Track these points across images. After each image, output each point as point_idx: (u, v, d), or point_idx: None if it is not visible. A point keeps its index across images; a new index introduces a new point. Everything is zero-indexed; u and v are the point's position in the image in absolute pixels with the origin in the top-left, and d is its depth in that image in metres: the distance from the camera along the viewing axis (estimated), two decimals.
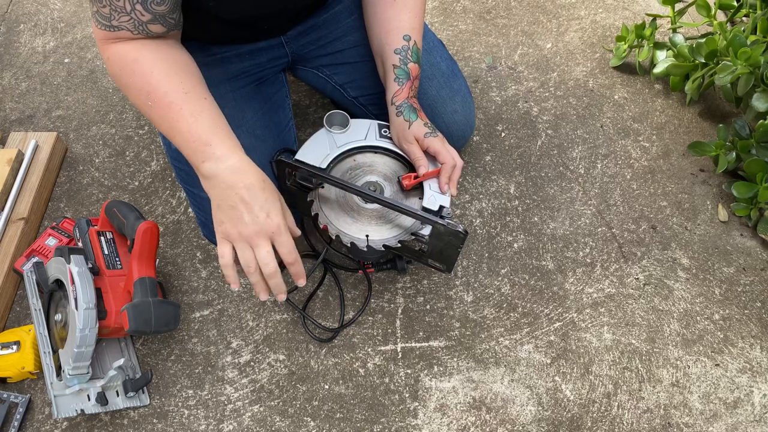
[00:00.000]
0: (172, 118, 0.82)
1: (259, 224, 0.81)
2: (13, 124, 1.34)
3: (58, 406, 0.94)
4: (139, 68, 0.83)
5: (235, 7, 0.90)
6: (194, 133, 0.81)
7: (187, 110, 0.81)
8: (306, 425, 1.01)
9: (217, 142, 0.81)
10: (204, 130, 0.81)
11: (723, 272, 1.17)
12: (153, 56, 0.83)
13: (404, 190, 0.99)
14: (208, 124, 0.82)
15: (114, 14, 0.79)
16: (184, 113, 0.81)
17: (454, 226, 0.91)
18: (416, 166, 0.98)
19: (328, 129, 1.03)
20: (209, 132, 0.82)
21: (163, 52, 0.84)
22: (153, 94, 0.82)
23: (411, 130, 0.97)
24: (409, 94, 0.99)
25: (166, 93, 0.82)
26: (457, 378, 1.05)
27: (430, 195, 0.97)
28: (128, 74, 0.83)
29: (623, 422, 1.02)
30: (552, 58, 1.48)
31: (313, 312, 1.11)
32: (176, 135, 0.83)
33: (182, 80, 0.83)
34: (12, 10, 1.56)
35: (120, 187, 1.25)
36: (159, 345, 1.08)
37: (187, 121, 0.81)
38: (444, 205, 0.96)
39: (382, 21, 1.00)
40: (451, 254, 0.98)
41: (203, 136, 0.81)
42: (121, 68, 0.84)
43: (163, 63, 0.83)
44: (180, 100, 0.82)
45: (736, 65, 1.18)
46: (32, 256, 1.11)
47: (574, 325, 1.11)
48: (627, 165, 1.31)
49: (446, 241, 0.94)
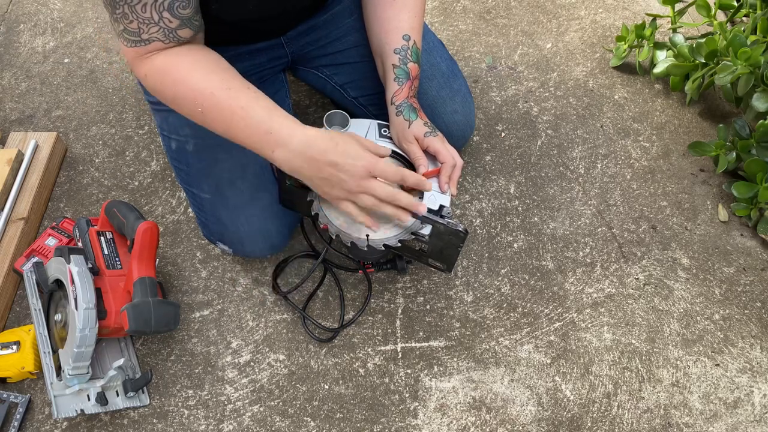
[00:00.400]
0: (225, 117, 0.83)
1: (355, 174, 0.81)
2: (13, 124, 1.34)
3: (58, 406, 0.94)
4: (179, 76, 0.83)
5: (236, 10, 0.90)
6: (252, 127, 0.82)
7: (237, 105, 0.82)
8: (306, 425, 1.01)
9: (276, 127, 0.82)
10: (260, 120, 0.82)
11: (723, 272, 1.17)
12: (187, 62, 0.83)
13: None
14: (261, 113, 0.82)
15: (143, 27, 0.79)
16: (234, 108, 0.82)
17: (455, 225, 0.91)
18: (416, 165, 0.98)
19: (327, 129, 1.03)
20: (266, 120, 0.82)
21: (194, 55, 0.84)
22: (199, 98, 0.82)
23: (411, 130, 0.97)
24: (409, 94, 0.99)
25: (212, 93, 0.82)
26: (457, 378, 1.05)
27: (430, 194, 0.96)
28: (170, 85, 0.84)
29: (623, 422, 1.02)
30: (552, 58, 1.48)
31: (313, 312, 1.11)
32: (236, 133, 0.83)
33: (222, 77, 0.83)
34: (12, 10, 1.56)
35: (120, 187, 1.25)
36: (159, 345, 1.08)
37: (240, 115, 0.82)
38: (444, 205, 0.96)
39: (382, 21, 1.00)
40: (452, 253, 0.98)
41: (262, 126, 0.82)
42: (161, 81, 0.84)
43: (199, 65, 0.84)
44: (226, 97, 0.82)
45: (736, 65, 1.18)
46: (32, 256, 1.11)
47: (574, 325, 1.11)
48: (627, 165, 1.31)
49: (446, 241, 0.94)
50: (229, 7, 0.89)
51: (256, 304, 1.12)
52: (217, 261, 1.16)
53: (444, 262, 1.01)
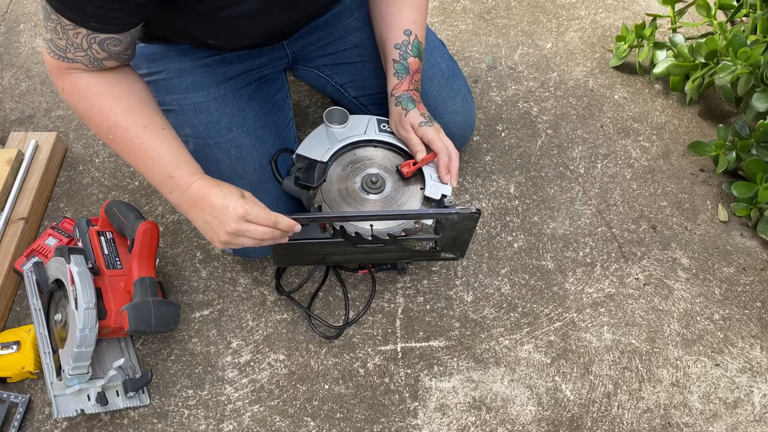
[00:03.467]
0: (135, 152, 0.85)
1: (231, 220, 0.84)
2: (13, 124, 1.34)
3: (58, 406, 0.94)
4: (99, 103, 0.84)
5: (233, 44, 0.95)
6: (158, 167, 0.85)
7: (148, 144, 0.84)
8: (306, 425, 1.01)
9: (179, 173, 0.85)
10: (166, 162, 0.85)
11: (723, 272, 1.17)
12: (111, 92, 0.85)
13: (404, 178, 1.00)
14: (168, 156, 0.85)
15: (70, 48, 0.79)
16: (146, 147, 0.84)
17: (466, 209, 0.91)
18: (413, 152, 0.99)
19: (327, 125, 1.03)
20: (171, 164, 0.85)
21: (119, 86, 0.86)
22: (114, 129, 0.85)
23: (407, 118, 0.99)
24: (409, 87, 1.00)
25: (127, 129, 0.84)
26: (457, 378, 1.05)
27: (432, 184, 0.98)
28: (87, 108, 0.85)
29: (623, 422, 1.02)
30: (552, 58, 1.48)
31: (314, 312, 1.11)
32: (142, 169, 0.87)
33: (140, 114, 0.85)
34: (12, 10, 1.56)
35: (120, 187, 1.25)
36: (159, 345, 1.08)
37: (149, 155, 0.85)
38: (446, 194, 0.97)
39: (385, 16, 1.01)
40: (466, 239, 0.99)
41: (166, 169, 0.85)
42: (77, 101, 0.85)
43: (120, 100, 0.85)
44: (141, 135, 0.84)
45: (736, 65, 1.18)
46: (32, 256, 1.11)
47: (574, 325, 1.11)
48: (627, 165, 1.31)
49: (460, 228, 0.95)
50: (226, 43, 0.93)
51: (256, 304, 1.12)
52: (217, 261, 1.16)
53: (457, 249, 1.02)
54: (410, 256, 1.04)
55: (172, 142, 0.87)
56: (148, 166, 0.86)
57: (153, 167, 0.85)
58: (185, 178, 0.85)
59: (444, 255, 1.04)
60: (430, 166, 1.00)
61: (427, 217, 0.94)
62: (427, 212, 0.94)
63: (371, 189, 0.99)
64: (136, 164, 0.87)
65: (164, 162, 0.85)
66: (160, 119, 0.87)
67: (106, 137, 0.86)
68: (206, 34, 0.90)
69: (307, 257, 1.03)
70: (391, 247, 0.97)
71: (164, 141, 0.86)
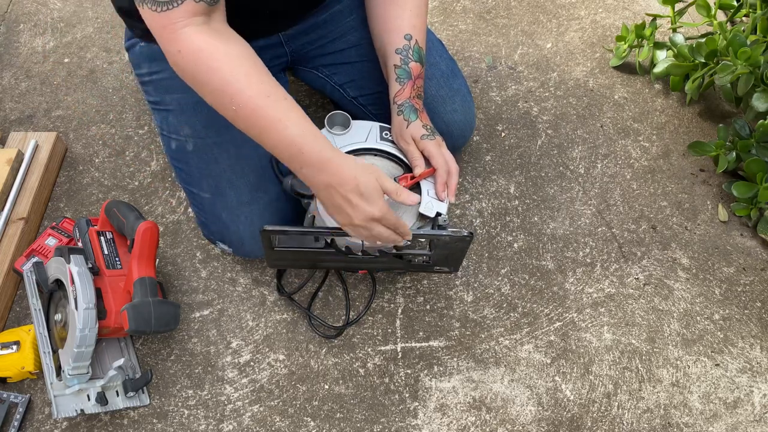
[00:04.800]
0: (261, 126, 0.81)
1: (365, 215, 0.83)
2: (13, 124, 1.34)
3: (58, 406, 0.94)
4: (216, 66, 0.79)
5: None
6: (286, 142, 0.81)
7: (275, 117, 0.80)
8: (306, 425, 1.01)
9: (307, 149, 0.82)
10: (294, 137, 0.81)
11: (723, 272, 1.17)
12: (226, 53, 0.80)
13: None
14: (295, 131, 0.81)
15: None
16: (272, 121, 0.80)
17: (458, 232, 0.91)
18: (412, 166, 0.98)
19: (329, 130, 1.02)
20: (299, 139, 0.81)
21: (233, 47, 0.81)
22: (237, 98, 0.80)
23: (409, 130, 0.97)
24: (411, 94, 0.98)
25: (250, 98, 0.80)
26: (457, 378, 1.05)
27: (428, 201, 0.96)
28: (204, 72, 0.79)
29: (623, 422, 1.02)
30: (552, 58, 1.48)
31: (314, 312, 1.11)
32: (268, 142, 0.83)
33: (261, 80, 0.81)
34: (12, 9, 1.56)
35: (120, 187, 1.25)
36: (159, 345, 1.08)
37: (276, 129, 0.81)
38: (440, 212, 0.96)
39: (384, 20, 1.00)
40: (459, 257, 0.98)
41: (295, 145, 0.81)
42: (195, 64, 0.79)
43: (238, 61, 0.80)
44: (265, 106, 0.80)
45: (736, 65, 1.18)
46: (32, 256, 1.11)
47: (574, 325, 1.11)
48: (627, 165, 1.31)
49: (452, 248, 0.95)
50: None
51: (256, 304, 1.12)
52: (217, 261, 1.16)
53: (451, 265, 1.02)
54: (404, 267, 1.04)
55: (295, 112, 0.83)
56: (274, 139, 0.82)
57: (280, 141, 0.81)
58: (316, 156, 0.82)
59: (438, 269, 1.03)
60: (429, 180, 0.98)
61: (417, 237, 0.93)
62: (418, 233, 0.92)
63: None
64: (261, 138, 0.83)
65: (292, 136, 0.81)
66: (279, 88, 0.83)
67: (226, 108, 0.82)
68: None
69: (299, 262, 1.03)
70: (384, 259, 0.97)
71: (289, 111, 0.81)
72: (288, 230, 0.92)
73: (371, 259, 0.96)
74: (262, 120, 0.81)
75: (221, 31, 0.82)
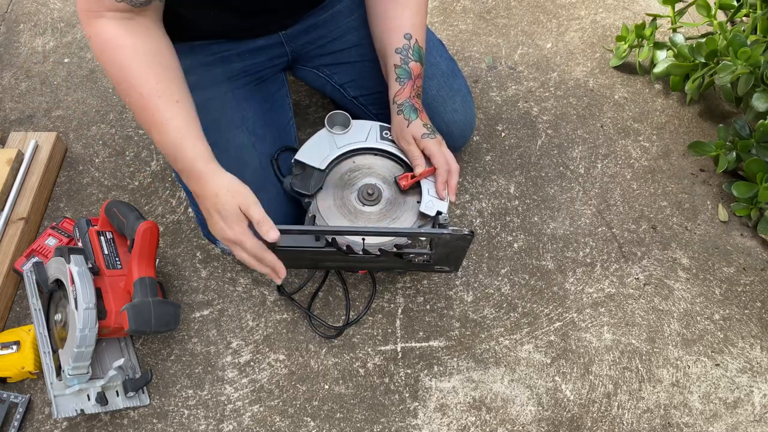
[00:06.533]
0: (147, 122, 0.85)
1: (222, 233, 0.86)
2: (13, 124, 1.34)
3: (58, 406, 0.94)
4: (119, 58, 0.82)
5: (210, 24, 0.93)
6: (164, 143, 0.85)
7: (159, 117, 0.83)
8: (306, 425, 1.01)
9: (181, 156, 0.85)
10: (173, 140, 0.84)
11: (723, 272, 1.17)
12: (136, 50, 0.83)
13: (402, 190, 0.99)
14: (175, 135, 0.84)
15: None
16: (156, 121, 0.83)
17: (459, 230, 0.91)
18: (413, 165, 0.98)
19: (329, 129, 1.03)
20: (176, 144, 0.84)
21: (146, 43, 0.84)
22: (132, 92, 0.83)
23: (409, 129, 0.97)
24: (411, 94, 0.99)
25: (140, 95, 0.83)
26: (457, 378, 1.05)
27: (428, 200, 0.96)
28: (107, 62, 0.84)
29: (623, 422, 1.02)
30: (552, 58, 1.48)
31: (314, 312, 1.11)
32: (153, 138, 0.87)
33: (158, 79, 0.83)
34: (12, 10, 1.56)
35: (120, 187, 1.25)
36: (159, 345, 1.08)
37: (158, 129, 0.84)
38: (441, 211, 0.96)
39: (384, 20, 1.00)
40: (459, 256, 0.98)
41: (172, 147, 0.85)
42: (101, 52, 0.84)
43: (144, 59, 0.83)
44: (153, 105, 0.83)
45: (736, 65, 1.18)
46: (32, 256, 1.11)
47: (574, 325, 1.11)
48: (627, 165, 1.31)
49: (453, 246, 0.95)
50: (202, 22, 0.91)
51: (256, 304, 1.12)
52: (217, 261, 1.16)
53: (451, 264, 1.02)
54: (404, 267, 1.04)
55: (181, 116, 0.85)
56: (157, 139, 0.85)
57: (161, 141, 0.85)
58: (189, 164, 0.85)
59: (438, 268, 1.03)
60: (429, 179, 0.99)
61: (418, 235, 0.93)
62: (419, 231, 0.93)
63: (367, 201, 0.98)
64: (150, 135, 0.86)
65: (171, 139, 0.84)
66: (177, 87, 0.85)
67: (127, 101, 0.85)
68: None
69: (300, 262, 1.03)
70: (384, 258, 0.97)
71: (175, 115, 0.84)
72: (288, 230, 0.92)
73: (372, 259, 0.96)
74: (149, 118, 0.84)
75: (142, 28, 0.84)
